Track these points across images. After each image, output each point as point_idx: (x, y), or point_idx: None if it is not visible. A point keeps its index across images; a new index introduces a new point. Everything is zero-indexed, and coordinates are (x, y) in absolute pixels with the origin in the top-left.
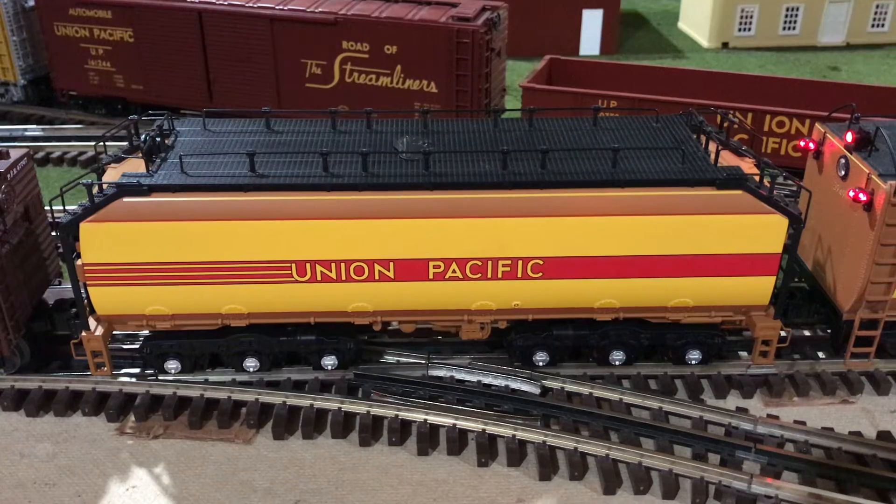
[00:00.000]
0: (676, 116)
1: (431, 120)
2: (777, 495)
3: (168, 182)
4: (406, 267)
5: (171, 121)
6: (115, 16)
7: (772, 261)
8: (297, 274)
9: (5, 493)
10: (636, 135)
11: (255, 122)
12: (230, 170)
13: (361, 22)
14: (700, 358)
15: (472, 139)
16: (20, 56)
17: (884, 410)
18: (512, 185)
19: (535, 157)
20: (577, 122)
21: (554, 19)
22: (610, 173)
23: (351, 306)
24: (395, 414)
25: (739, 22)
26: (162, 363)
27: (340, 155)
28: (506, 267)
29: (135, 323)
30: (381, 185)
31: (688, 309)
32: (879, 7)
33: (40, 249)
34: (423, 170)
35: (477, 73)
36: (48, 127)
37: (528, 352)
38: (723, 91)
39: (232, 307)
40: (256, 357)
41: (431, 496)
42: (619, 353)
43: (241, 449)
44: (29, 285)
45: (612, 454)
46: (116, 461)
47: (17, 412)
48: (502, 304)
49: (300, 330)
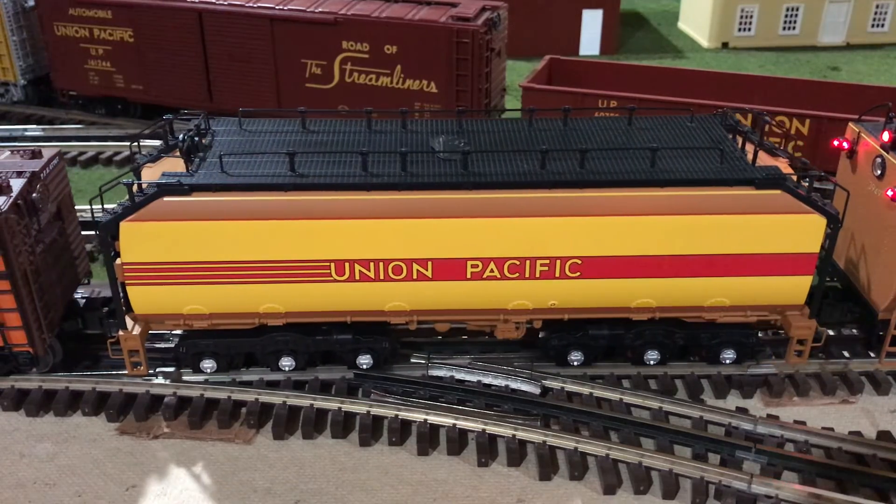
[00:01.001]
0: (711, 116)
1: (466, 120)
2: (777, 495)
3: (209, 181)
4: (444, 266)
5: (207, 120)
6: (115, 16)
7: (809, 260)
8: (335, 273)
9: (5, 493)
10: (672, 134)
11: (289, 122)
12: (270, 169)
13: (361, 22)
14: (734, 357)
15: (508, 139)
16: (20, 56)
17: (884, 410)
18: (552, 184)
19: (574, 156)
20: (611, 121)
21: (554, 19)
22: (649, 173)
23: (388, 306)
24: (395, 414)
25: (739, 22)
26: (197, 362)
27: (378, 154)
28: (544, 266)
29: (172, 322)
30: (421, 185)
31: (724, 308)
32: (879, 7)
33: (71, 249)
34: (461, 169)
35: (477, 73)
36: (48, 127)
37: (563, 351)
38: (723, 91)
39: (269, 306)
40: (292, 356)
41: (431, 496)
42: (653, 352)
43: (241, 449)
44: (61, 284)
45: (612, 454)
46: (116, 461)
47: (17, 412)
48: (539, 303)
49: (336, 329)
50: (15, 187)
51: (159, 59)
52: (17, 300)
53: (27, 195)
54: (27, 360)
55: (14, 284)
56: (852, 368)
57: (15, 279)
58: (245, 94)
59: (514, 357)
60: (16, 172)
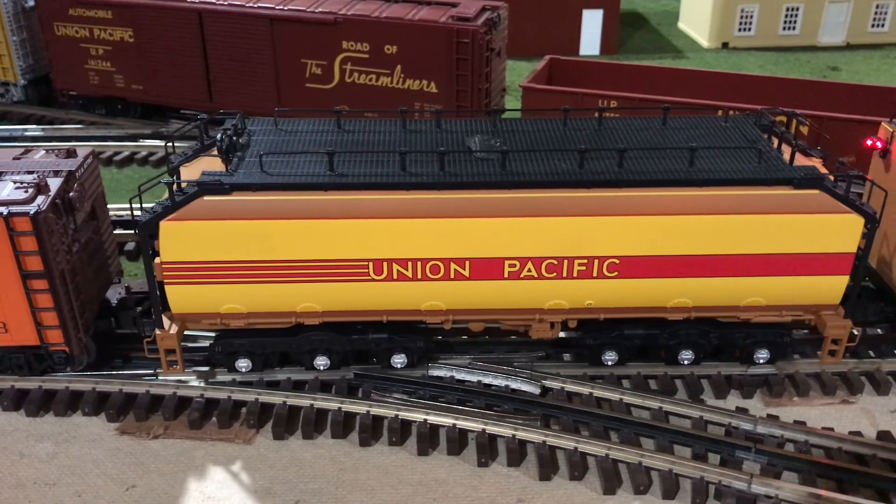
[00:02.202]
0: (745, 116)
1: (501, 120)
2: (777, 495)
3: (250, 181)
4: (482, 266)
5: (243, 120)
6: (115, 16)
7: (846, 260)
8: (373, 272)
9: (5, 493)
10: (707, 134)
11: (323, 122)
12: (308, 169)
13: (361, 22)
14: (768, 357)
15: (543, 138)
16: (20, 56)
17: (884, 410)
18: (591, 183)
19: (611, 155)
20: (646, 121)
21: (554, 19)
22: (688, 172)
23: (424, 305)
24: (395, 414)
25: (739, 22)
26: (232, 362)
27: (415, 154)
28: (581, 266)
29: (208, 321)
30: (461, 184)
31: (759, 308)
32: (879, 7)
33: (103, 248)
34: (499, 169)
35: (477, 73)
36: (48, 127)
37: (598, 351)
38: (723, 91)
39: (307, 305)
40: (327, 355)
41: (431, 496)
42: (688, 352)
43: (241, 449)
44: (95, 283)
45: (612, 454)
46: (116, 461)
47: (17, 412)
48: (575, 303)
49: (371, 328)
50: (52, 186)
51: (159, 59)
52: (55, 299)
53: (64, 194)
54: (62, 358)
55: (52, 283)
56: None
57: (52, 278)
58: (245, 95)
59: (514, 357)
60: (52, 171)
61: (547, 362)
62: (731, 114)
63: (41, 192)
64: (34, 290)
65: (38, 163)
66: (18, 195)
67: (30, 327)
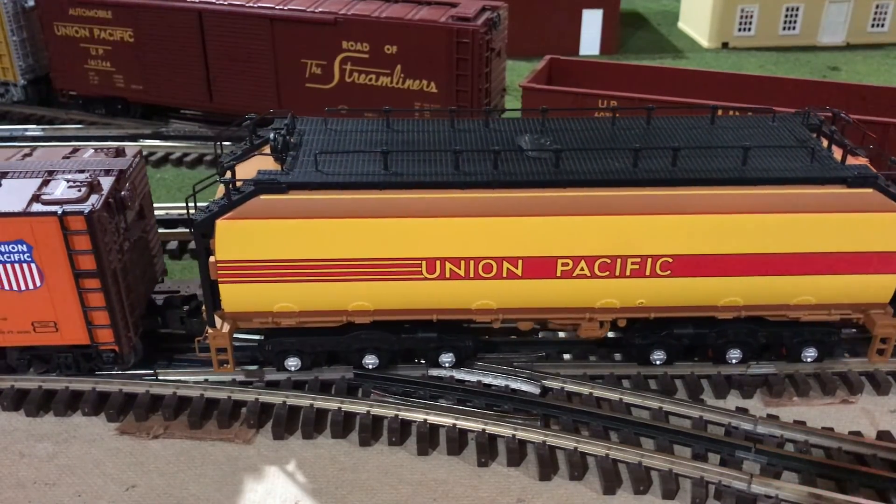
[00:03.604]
0: (792, 115)
1: (549, 118)
2: (777, 495)
3: (306, 180)
4: (534, 264)
5: (294, 119)
6: (115, 16)
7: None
8: (426, 271)
9: (5, 493)
10: (756, 133)
11: (372, 121)
12: (362, 168)
13: (361, 22)
14: (815, 356)
15: (593, 137)
16: (20, 56)
17: (884, 410)
18: (646, 182)
19: (664, 154)
20: (694, 120)
21: (554, 19)
22: (741, 171)
23: (475, 304)
24: (395, 414)
25: (739, 22)
26: (282, 360)
27: (468, 153)
28: (634, 265)
29: (260, 320)
30: (516, 183)
31: (809, 307)
32: (879, 7)
33: (150, 247)
34: (553, 167)
35: (477, 73)
36: (48, 127)
37: (646, 350)
38: (723, 91)
39: (358, 304)
40: (376, 354)
41: (431, 496)
42: (736, 351)
43: (241, 449)
44: (143, 282)
45: (612, 454)
46: (116, 461)
47: (17, 412)
48: (627, 301)
49: (420, 327)
50: (104, 185)
51: (159, 59)
52: (106, 298)
53: (116, 193)
54: (110, 358)
55: (104, 282)
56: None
57: (105, 277)
58: (245, 94)
59: (515, 357)
60: (104, 171)
61: (547, 362)
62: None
63: (94, 190)
64: (86, 289)
65: (88, 162)
66: (72, 194)
67: (80, 326)
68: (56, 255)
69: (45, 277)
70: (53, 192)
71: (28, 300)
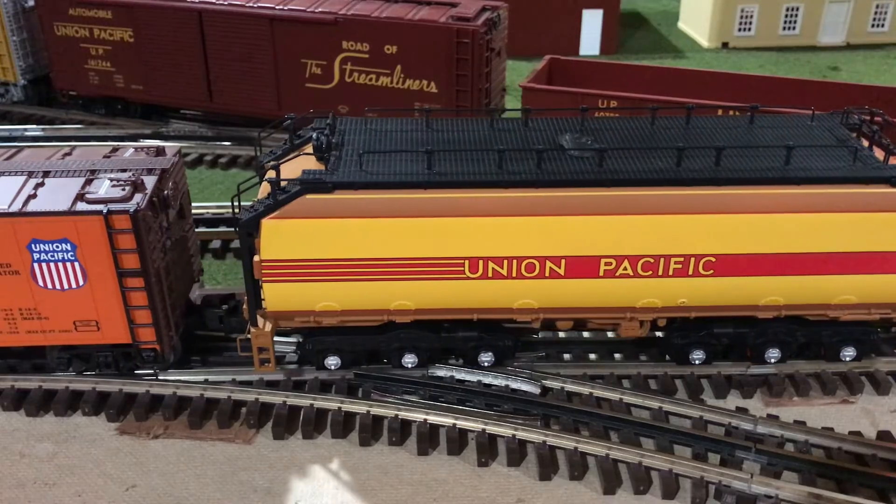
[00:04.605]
0: (831, 115)
1: (588, 118)
2: (777, 495)
3: (351, 179)
4: (577, 264)
5: (335, 119)
6: (115, 16)
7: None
8: (468, 271)
9: (5, 493)
10: (796, 133)
11: (411, 121)
12: (405, 167)
13: (361, 22)
14: (854, 355)
15: (633, 136)
16: (20, 56)
17: (884, 410)
18: (690, 181)
19: (706, 153)
20: (733, 120)
21: (554, 19)
22: (785, 171)
23: (517, 303)
24: (395, 414)
25: (739, 22)
26: (322, 359)
27: (510, 152)
28: (677, 264)
29: (301, 319)
30: (560, 182)
31: (849, 306)
32: (879, 7)
33: (188, 246)
34: (596, 166)
35: (477, 73)
36: (48, 127)
37: (685, 350)
38: (723, 91)
39: (400, 303)
40: (415, 353)
41: (431, 496)
42: (774, 350)
43: (241, 449)
44: (183, 282)
45: (612, 454)
46: (116, 461)
47: (17, 412)
48: (668, 301)
49: (460, 326)
50: (148, 184)
51: (159, 60)
52: (149, 297)
53: (159, 192)
54: (150, 357)
55: (147, 281)
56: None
57: (148, 276)
58: (245, 94)
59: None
60: (146, 169)
61: (547, 362)
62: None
63: (138, 189)
64: (129, 287)
65: (130, 161)
66: (116, 193)
67: (122, 325)
68: (100, 254)
69: (88, 276)
70: (98, 192)
71: (70, 299)
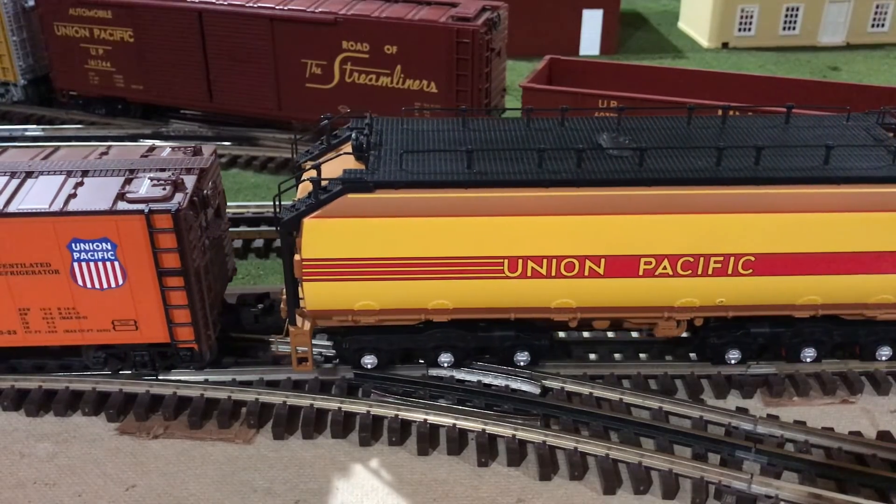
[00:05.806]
0: (866, 115)
1: (625, 116)
2: (777, 495)
3: (393, 178)
4: (617, 263)
5: (373, 119)
6: (115, 16)
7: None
8: (507, 270)
9: (5, 493)
10: (833, 133)
11: (447, 120)
12: (445, 167)
13: (361, 22)
14: (890, 354)
15: (670, 135)
16: (20, 56)
17: (884, 410)
18: (731, 181)
19: (745, 153)
20: (769, 119)
21: (554, 19)
22: (824, 170)
23: (555, 303)
24: (395, 414)
25: (739, 22)
26: (359, 358)
27: (550, 151)
28: (717, 263)
29: (339, 318)
30: (601, 181)
31: (886, 306)
32: (879, 7)
33: (223, 245)
34: (636, 165)
35: (477, 73)
36: (48, 127)
37: (721, 349)
38: (723, 91)
39: (438, 303)
40: (451, 352)
41: (431, 496)
42: (810, 350)
43: (241, 449)
44: (220, 281)
45: (612, 454)
46: (116, 461)
47: (17, 412)
48: (706, 300)
49: (496, 325)
50: (188, 184)
51: (159, 59)
52: (189, 296)
53: (199, 191)
54: (188, 356)
55: (187, 280)
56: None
57: (188, 275)
58: (245, 94)
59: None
60: (185, 169)
61: (547, 362)
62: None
63: (178, 189)
64: (169, 287)
65: (169, 160)
66: (157, 192)
67: (161, 325)
68: (140, 254)
69: (127, 275)
70: (138, 191)
71: (109, 298)
